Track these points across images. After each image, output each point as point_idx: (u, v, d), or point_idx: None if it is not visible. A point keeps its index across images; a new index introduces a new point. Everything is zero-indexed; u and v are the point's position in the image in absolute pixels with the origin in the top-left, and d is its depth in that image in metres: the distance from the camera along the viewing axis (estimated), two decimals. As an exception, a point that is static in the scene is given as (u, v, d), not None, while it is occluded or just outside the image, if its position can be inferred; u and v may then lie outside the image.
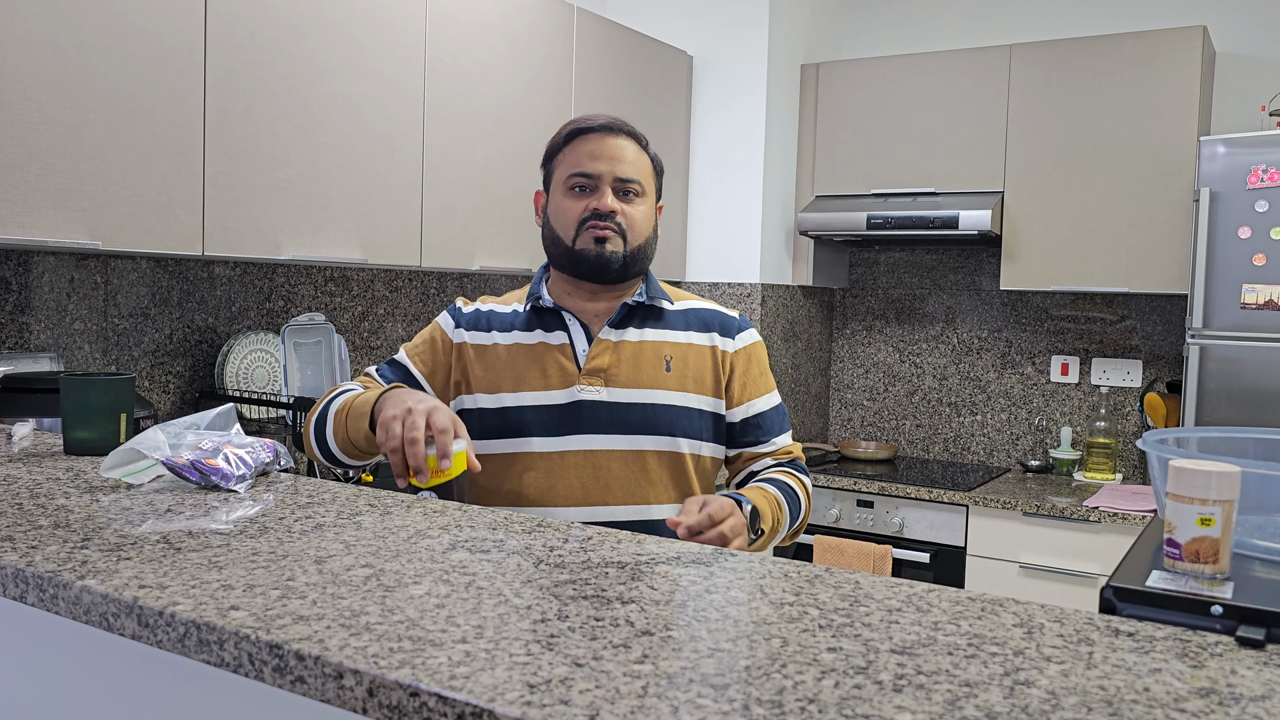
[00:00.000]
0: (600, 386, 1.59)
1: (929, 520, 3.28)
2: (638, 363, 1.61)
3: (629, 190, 1.63)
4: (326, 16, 2.39)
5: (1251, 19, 3.42)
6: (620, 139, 1.64)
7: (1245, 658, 0.83)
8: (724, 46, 3.68)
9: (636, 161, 1.64)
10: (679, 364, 1.63)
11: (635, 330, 1.64)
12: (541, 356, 1.62)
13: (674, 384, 1.61)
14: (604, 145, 1.62)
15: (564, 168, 1.65)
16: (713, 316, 1.71)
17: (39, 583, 0.95)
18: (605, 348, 1.61)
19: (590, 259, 1.61)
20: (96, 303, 2.35)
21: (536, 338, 1.64)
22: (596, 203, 1.60)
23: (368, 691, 0.74)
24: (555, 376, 1.60)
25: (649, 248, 1.67)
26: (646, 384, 1.60)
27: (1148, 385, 3.51)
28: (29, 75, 1.87)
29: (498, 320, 1.67)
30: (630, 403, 1.59)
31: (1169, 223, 3.17)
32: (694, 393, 1.63)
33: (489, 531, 1.17)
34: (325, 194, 2.41)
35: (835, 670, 0.77)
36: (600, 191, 1.61)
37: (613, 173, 1.61)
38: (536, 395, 1.60)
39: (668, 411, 1.60)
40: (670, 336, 1.65)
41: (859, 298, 4.09)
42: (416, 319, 3.13)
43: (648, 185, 1.66)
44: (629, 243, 1.62)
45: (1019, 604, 0.94)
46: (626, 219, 1.61)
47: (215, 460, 1.33)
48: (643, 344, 1.63)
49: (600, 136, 1.63)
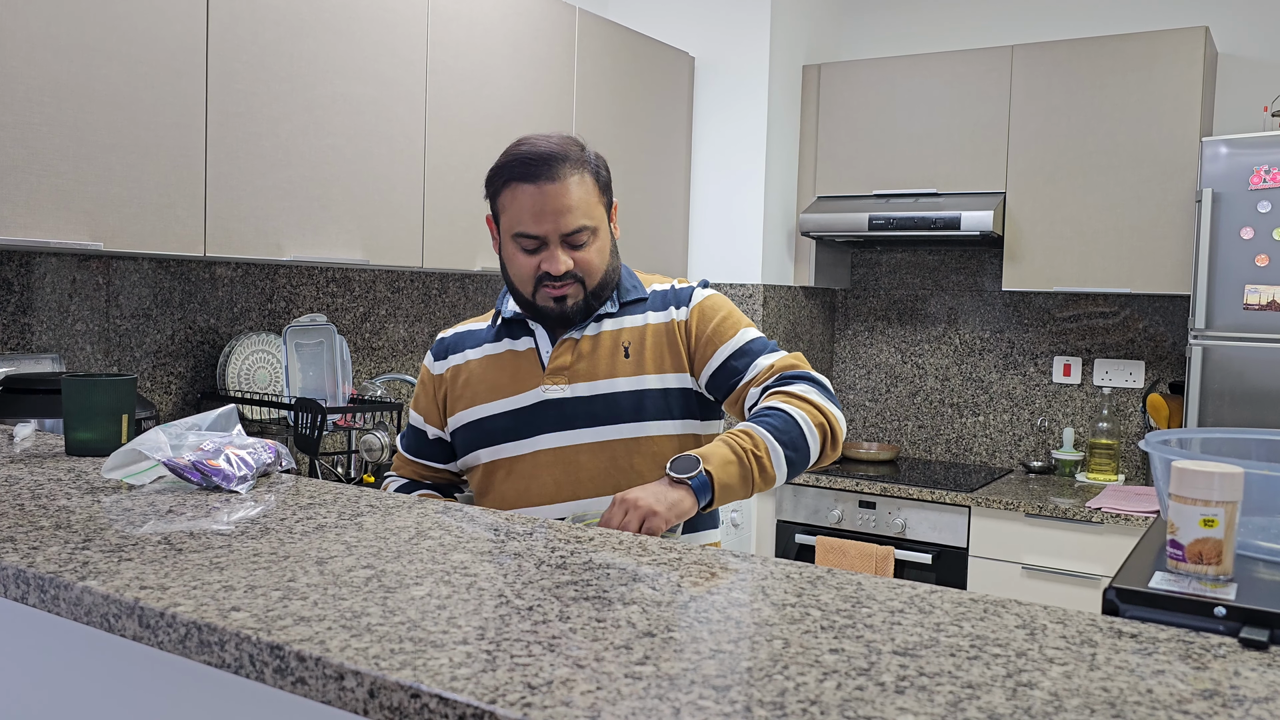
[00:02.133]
0: (564, 384, 1.60)
1: (931, 521, 3.27)
2: (596, 355, 1.61)
3: (578, 242, 1.56)
4: (328, 18, 2.39)
5: (1253, 20, 3.42)
6: (559, 184, 1.53)
7: (1249, 659, 0.82)
8: (726, 48, 3.68)
9: (581, 202, 1.55)
10: (636, 348, 1.62)
11: (595, 325, 1.63)
12: (509, 365, 1.64)
13: (631, 369, 1.60)
14: (544, 199, 1.53)
15: (507, 218, 1.57)
16: (669, 293, 1.68)
17: (40, 584, 0.95)
18: (567, 346, 1.62)
19: (551, 314, 1.60)
20: (98, 304, 2.35)
21: (504, 347, 1.66)
22: (548, 265, 1.54)
23: (369, 693, 0.74)
24: (522, 381, 1.62)
25: (610, 274, 1.62)
26: (605, 374, 1.60)
27: (1150, 386, 3.50)
28: (32, 77, 1.87)
29: (470, 340, 1.71)
30: (592, 395, 1.59)
31: (1171, 223, 3.17)
32: (654, 373, 1.61)
33: (490, 532, 1.16)
34: (327, 195, 2.41)
35: (837, 672, 0.76)
36: (549, 252, 1.55)
37: (558, 231, 1.54)
38: (506, 402, 1.62)
39: (629, 398, 1.59)
40: (628, 322, 1.64)
41: (861, 298, 4.09)
42: (418, 320, 3.13)
43: (597, 215, 1.58)
44: (589, 285, 1.58)
45: (1021, 605, 0.94)
46: (581, 266, 1.56)
47: (217, 461, 1.33)
48: (600, 335, 1.62)
49: (538, 188, 1.52)
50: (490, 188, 1.60)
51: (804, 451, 1.52)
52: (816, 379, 1.59)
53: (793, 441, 1.50)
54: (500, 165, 1.57)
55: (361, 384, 2.85)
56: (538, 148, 1.55)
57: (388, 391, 2.92)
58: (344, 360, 2.69)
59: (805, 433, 1.51)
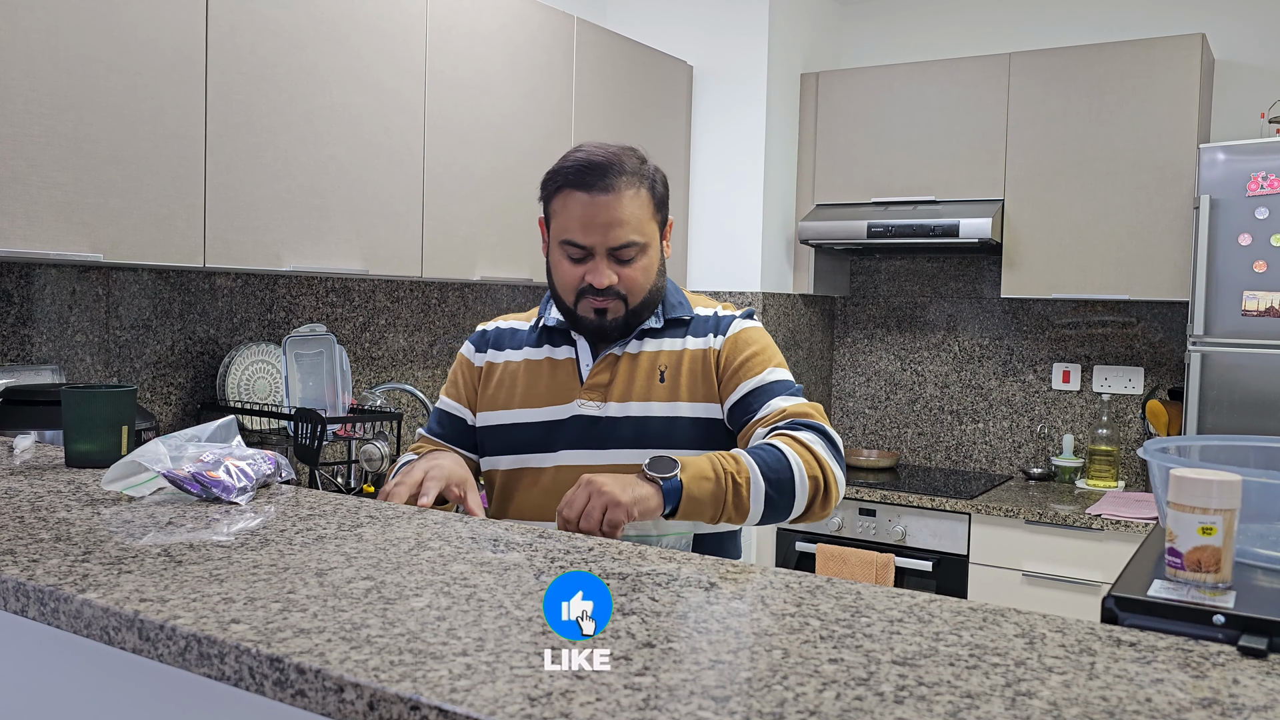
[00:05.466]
0: (599, 402, 1.57)
1: (931, 528, 3.27)
2: (633, 376, 1.58)
3: (625, 257, 1.53)
4: (327, 29, 2.39)
5: (1250, 27, 3.43)
6: (612, 195, 1.50)
7: (1248, 667, 0.82)
8: (724, 56, 3.69)
9: (633, 217, 1.52)
10: (672, 373, 1.58)
11: (636, 342, 1.61)
12: (547, 373, 1.62)
13: (665, 394, 1.56)
14: (595, 210, 1.50)
15: (557, 224, 1.56)
16: (712, 319, 1.63)
17: (40, 596, 0.95)
18: (607, 362, 1.59)
19: (590, 326, 1.58)
20: (98, 315, 2.35)
21: (544, 354, 1.64)
22: (592, 277, 1.52)
23: (368, 705, 0.74)
24: (557, 392, 1.60)
25: (655, 293, 1.59)
26: (639, 397, 1.56)
27: (1149, 392, 3.51)
28: (31, 89, 1.88)
29: (511, 338, 1.68)
30: (623, 417, 1.56)
31: (1169, 230, 3.17)
32: (686, 400, 1.57)
33: (490, 543, 1.16)
34: (326, 205, 2.42)
35: (836, 682, 0.76)
36: (595, 264, 1.53)
37: (605, 244, 1.51)
38: (537, 411, 1.60)
39: (659, 424, 1.55)
40: (669, 345, 1.60)
41: (860, 306, 4.09)
42: (418, 329, 3.13)
43: (648, 232, 1.55)
44: (630, 303, 1.55)
45: (1020, 614, 0.94)
46: (626, 282, 1.54)
47: (216, 472, 1.33)
48: (640, 355, 1.59)
49: (591, 198, 1.50)
50: (545, 190, 1.57)
51: (788, 497, 1.43)
52: (827, 432, 1.51)
53: (779, 483, 1.42)
54: (557, 169, 1.55)
55: (361, 394, 2.85)
56: (596, 156, 1.52)
57: (387, 401, 2.92)
58: (343, 370, 2.70)
59: (795, 478, 1.43)
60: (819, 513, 1.48)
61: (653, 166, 1.57)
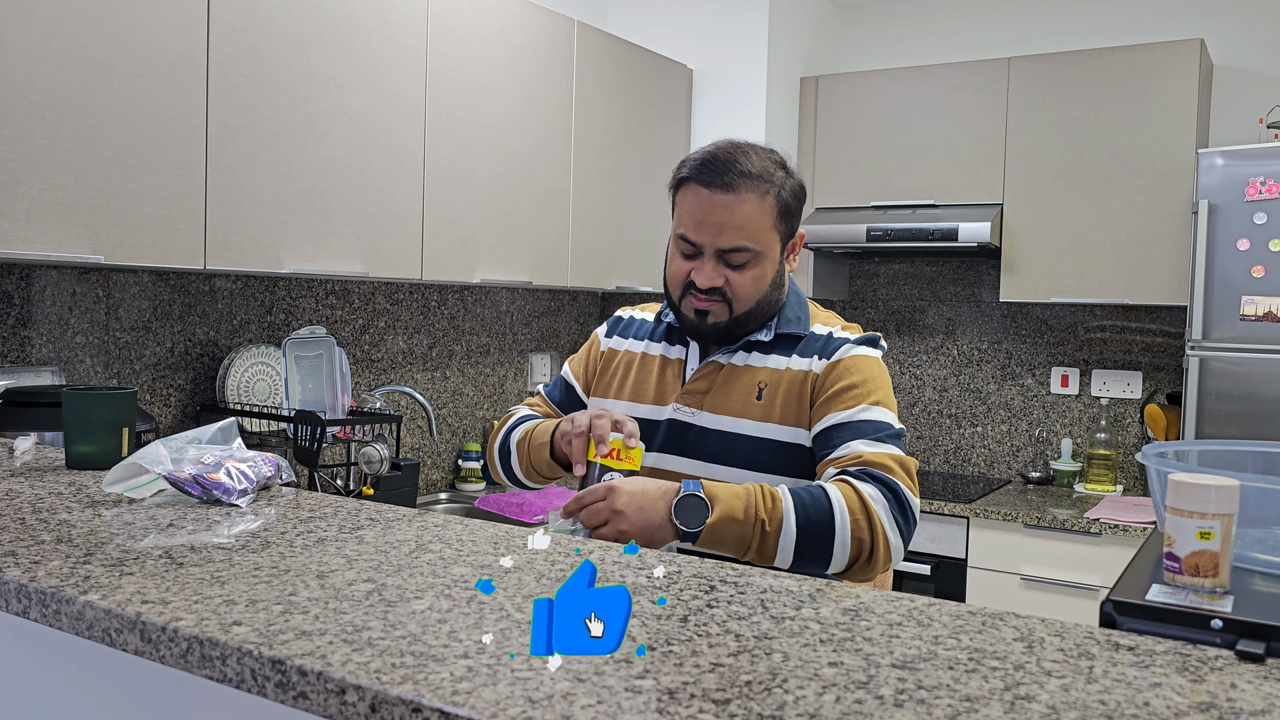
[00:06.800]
0: (695, 409, 1.56)
1: (930, 532, 3.27)
2: (731, 388, 1.54)
3: (735, 261, 1.49)
4: (328, 31, 2.40)
5: (1249, 32, 3.43)
6: (731, 196, 1.46)
7: (1245, 672, 0.83)
8: (724, 60, 3.69)
9: (749, 222, 1.47)
10: (770, 392, 1.52)
11: (744, 354, 1.56)
12: (656, 370, 1.64)
13: (760, 414, 1.52)
14: (711, 207, 1.47)
15: (677, 216, 1.54)
16: (824, 340, 1.55)
17: (42, 598, 0.96)
18: (710, 369, 1.57)
19: (690, 325, 1.56)
20: (98, 316, 2.35)
21: (660, 349, 1.65)
22: (697, 275, 1.49)
23: (370, 707, 0.74)
24: (661, 391, 1.61)
25: (765, 305, 1.54)
26: (733, 411, 1.53)
27: (1148, 397, 3.51)
28: (33, 91, 1.88)
29: (638, 329, 1.71)
30: (713, 429, 1.54)
31: (1168, 235, 3.18)
32: (778, 423, 1.51)
33: (490, 546, 1.17)
34: (327, 207, 2.42)
35: (836, 685, 0.77)
36: (702, 262, 1.49)
37: (715, 244, 1.48)
38: (639, 407, 1.61)
39: (749, 443, 1.51)
40: (771, 362, 1.55)
41: (859, 309, 4.09)
42: (417, 331, 3.14)
43: (764, 240, 1.49)
44: (735, 310, 1.51)
45: (1019, 618, 0.95)
46: (732, 288, 1.50)
47: (217, 474, 1.33)
48: (744, 368, 1.55)
49: (710, 195, 1.47)
50: (673, 178, 1.56)
51: (823, 551, 1.33)
52: (899, 492, 1.37)
53: (815, 537, 1.33)
54: (685, 158, 1.54)
55: (361, 396, 2.86)
56: (723, 152, 1.50)
57: (387, 403, 2.92)
58: (343, 372, 2.70)
59: (836, 534, 1.33)
60: (859, 576, 1.37)
61: (787, 174, 1.53)
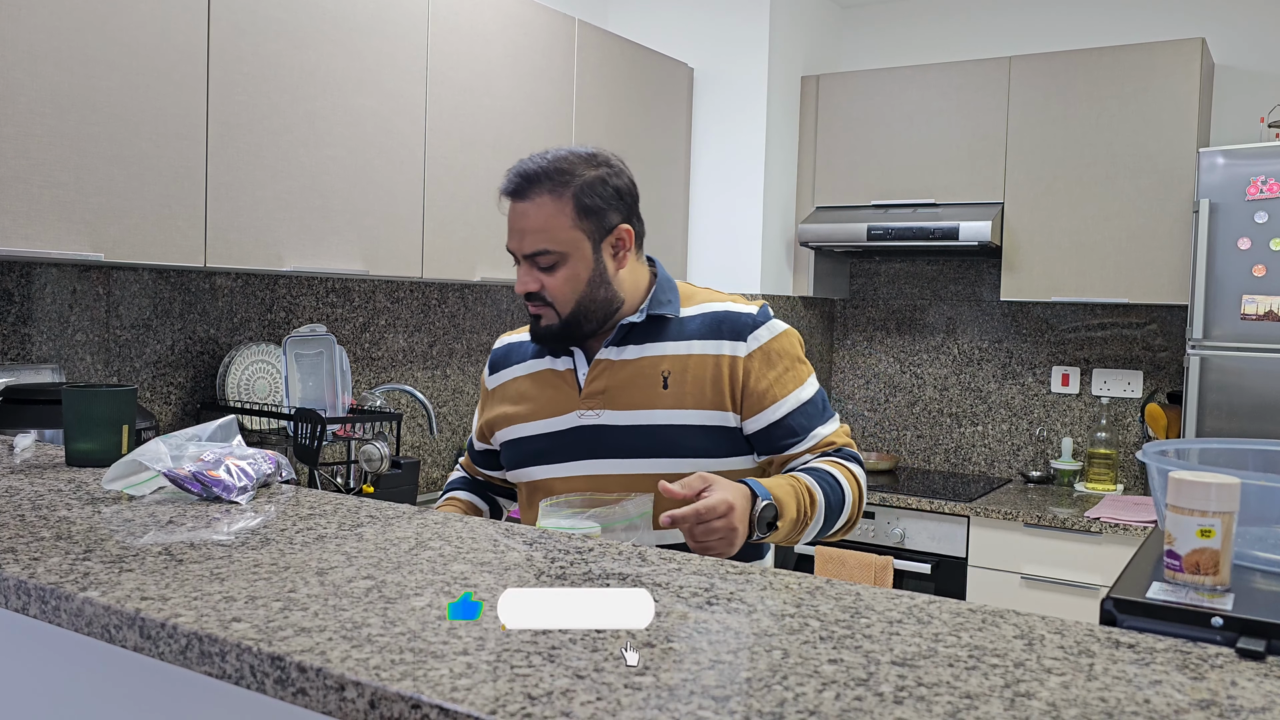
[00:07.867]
0: (599, 410, 1.55)
1: (930, 531, 3.27)
2: (634, 382, 1.54)
3: (543, 264, 1.51)
4: (329, 30, 2.40)
5: (1250, 31, 3.43)
6: (527, 202, 1.50)
7: (1245, 669, 0.83)
8: (724, 59, 3.69)
9: (546, 224, 1.49)
10: (677, 378, 1.53)
11: (635, 347, 1.56)
12: (549, 384, 1.61)
13: (670, 401, 1.52)
14: (514, 216, 1.52)
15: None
16: (723, 318, 1.57)
17: (41, 595, 0.96)
18: (603, 369, 1.56)
19: (533, 333, 1.58)
20: (98, 314, 2.35)
21: (546, 364, 1.63)
22: (517, 283, 1.54)
23: (369, 704, 0.74)
24: (559, 403, 1.59)
25: (592, 303, 1.53)
26: (639, 404, 1.53)
27: (1148, 396, 3.51)
28: (33, 88, 1.88)
29: (516, 353, 1.69)
30: (627, 425, 1.53)
31: (1169, 234, 3.18)
32: (693, 408, 1.52)
33: (490, 544, 1.17)
34: (327, 206, 2.42)
35: (836, 682, 0.77)
36: (521, 270, 1.54)
37: (521, 251, 1.52)
38: (543, 424, 1.59)
39: (666, 431, 1.52)
40: (670, 349, 1.55)
41: (859, 308, 4.09)
42: (418, 330, 3.14)
43: (566, 241, 1.49)
44: (561, 312, 1.52)
45: (1019, 616, 0.94)
46: (549, 291, 1.51)
47: (217, 472, 1.33)
48: (641, 360, 1.55)
49: (512, 205, 1.52)
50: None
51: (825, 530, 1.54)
52: (863, 463, 1.61)
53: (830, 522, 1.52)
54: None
55: (361, 394, 2.86)
56: (523, 164, 1.52)
57: (387, 402, 2.92)
58: (343, 370, 2.70)
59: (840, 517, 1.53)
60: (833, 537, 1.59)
61: (587, 173, 1.51)
